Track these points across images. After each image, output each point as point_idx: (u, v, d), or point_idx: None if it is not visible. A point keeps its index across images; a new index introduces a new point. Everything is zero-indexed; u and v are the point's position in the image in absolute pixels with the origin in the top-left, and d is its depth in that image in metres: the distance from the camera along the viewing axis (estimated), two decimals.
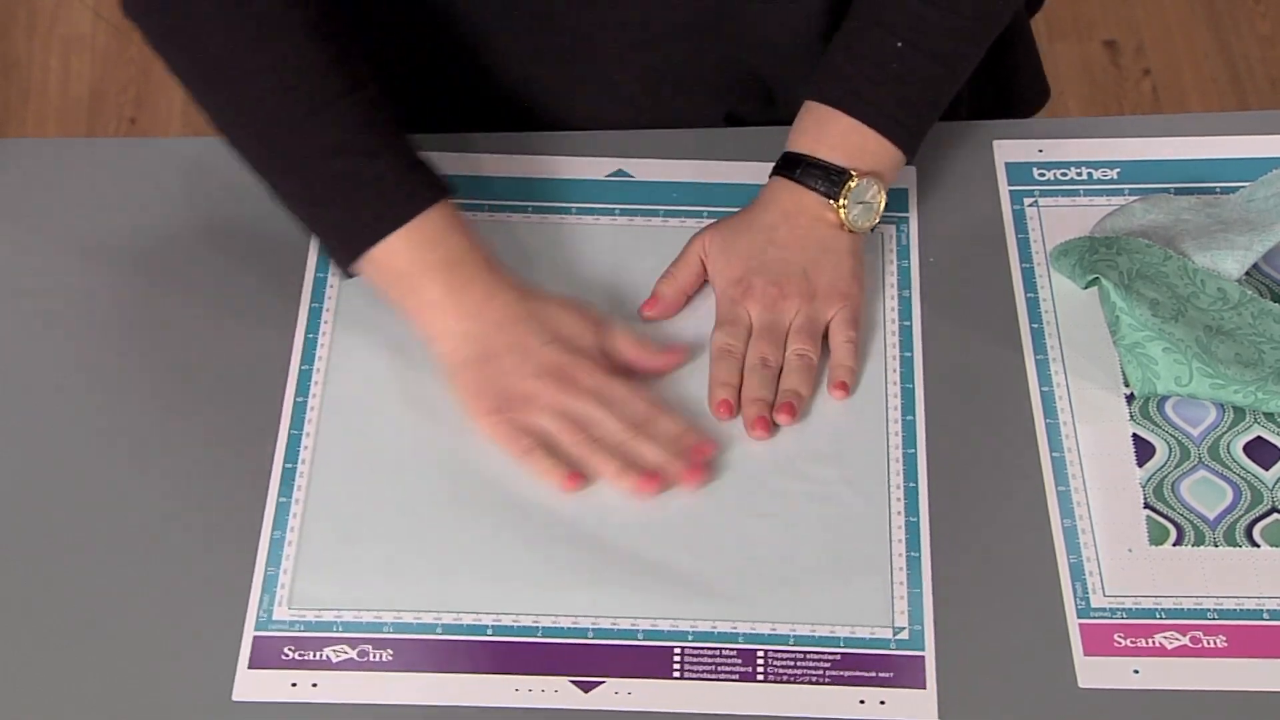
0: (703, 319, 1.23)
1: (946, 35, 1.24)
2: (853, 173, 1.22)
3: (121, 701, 1.07)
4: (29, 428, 1.18)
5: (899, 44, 1.23)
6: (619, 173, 1.31)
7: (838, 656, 1.08)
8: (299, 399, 1.19)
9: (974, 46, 1.26)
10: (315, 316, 1.23)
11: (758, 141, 1.31)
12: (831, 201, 1.22)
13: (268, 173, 1.18)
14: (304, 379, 1.20)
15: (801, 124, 1.25)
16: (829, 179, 1.22)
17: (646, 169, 1.31)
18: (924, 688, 1.07)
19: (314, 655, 1.08)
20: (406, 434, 1.17)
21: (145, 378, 1.20)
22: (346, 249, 1.17)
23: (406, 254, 1.16)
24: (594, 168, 1.31)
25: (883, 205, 1.23)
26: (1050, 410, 1.19)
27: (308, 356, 1.21)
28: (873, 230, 1.25)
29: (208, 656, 1.08)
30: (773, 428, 1.17)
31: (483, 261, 1.17)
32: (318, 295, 1.24)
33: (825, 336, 1.21)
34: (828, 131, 1.24)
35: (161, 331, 1.22)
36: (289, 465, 1.16)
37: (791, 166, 1.24)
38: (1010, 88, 1.45)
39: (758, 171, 1.27)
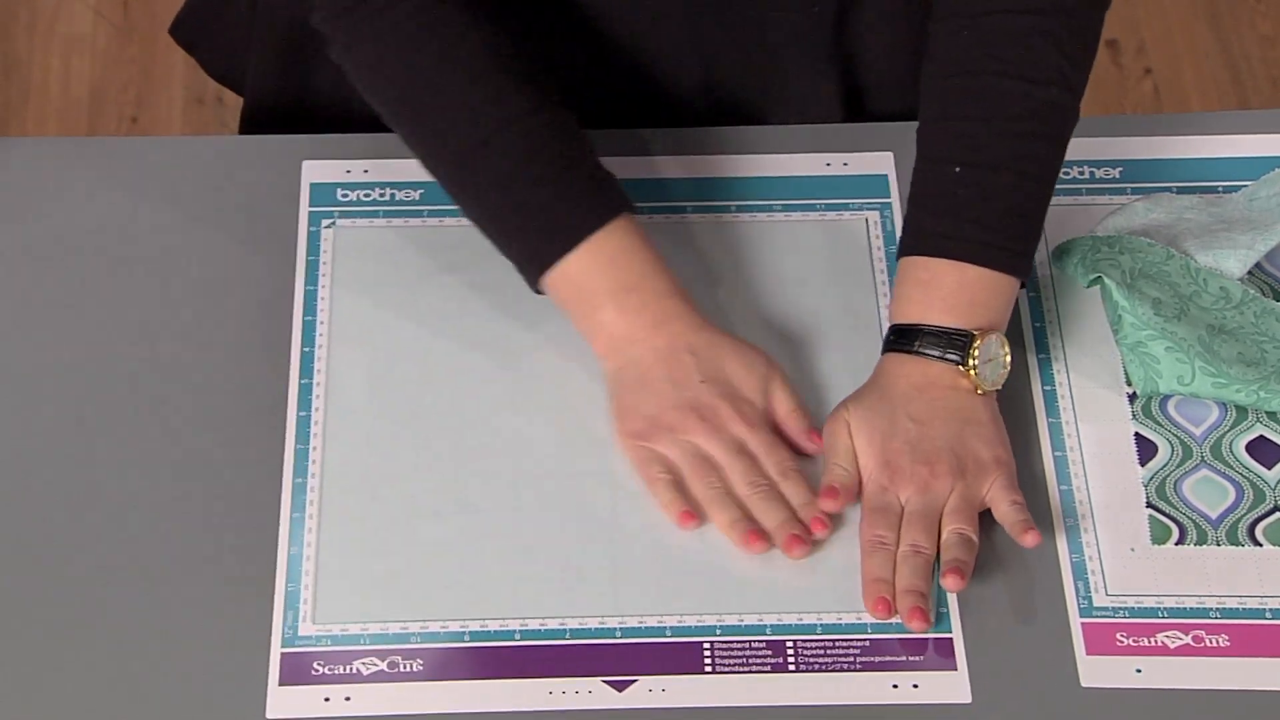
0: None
1: (996, 142, 1.16)
2: (974, 332, 1.15)
3: None
4: (28, 429, 1.18)
5: (955, 169, 1.17)
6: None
7: (866, 642, 1.08)
8: (301, 413, 1.18)
9: (1034, 143, 1.18)
10: (310, 329, 1.22)
11: (741, 139, 1.31)
12: (960, 367, 1.15)
13: (455, 197, 1.20)
14: (305, 392, 1.19)
15: (902, 289, 1.18)
16: (951, 344, 1.15)
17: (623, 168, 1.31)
18: (955, 669, 1.07)
19: (344, 669, 1.08)
20: (416, 442, 1.17)
21: (146, 381, 1.19)
22: (526, 274, 1.18)
23: (578, 279, 1.16)
24: None
25: (1009, 359, 1.16)
26: (1052, 409, 1.19)
27: (306, 370, 1.20)
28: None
29: (238, 676, 1.07)
30: (928, 618, 1.09)
31: (658, 286, 1.17)
32: (310, 308, 1.23)
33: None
34: (927, 290, 1.16)
35: (162, 334, 1.22)
36: (299, 480, 1.15)
37: (907, 339, 1.16)
38: None
39: (737, 164, 1.28)
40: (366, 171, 1.30)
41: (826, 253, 1.26)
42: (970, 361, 1.14)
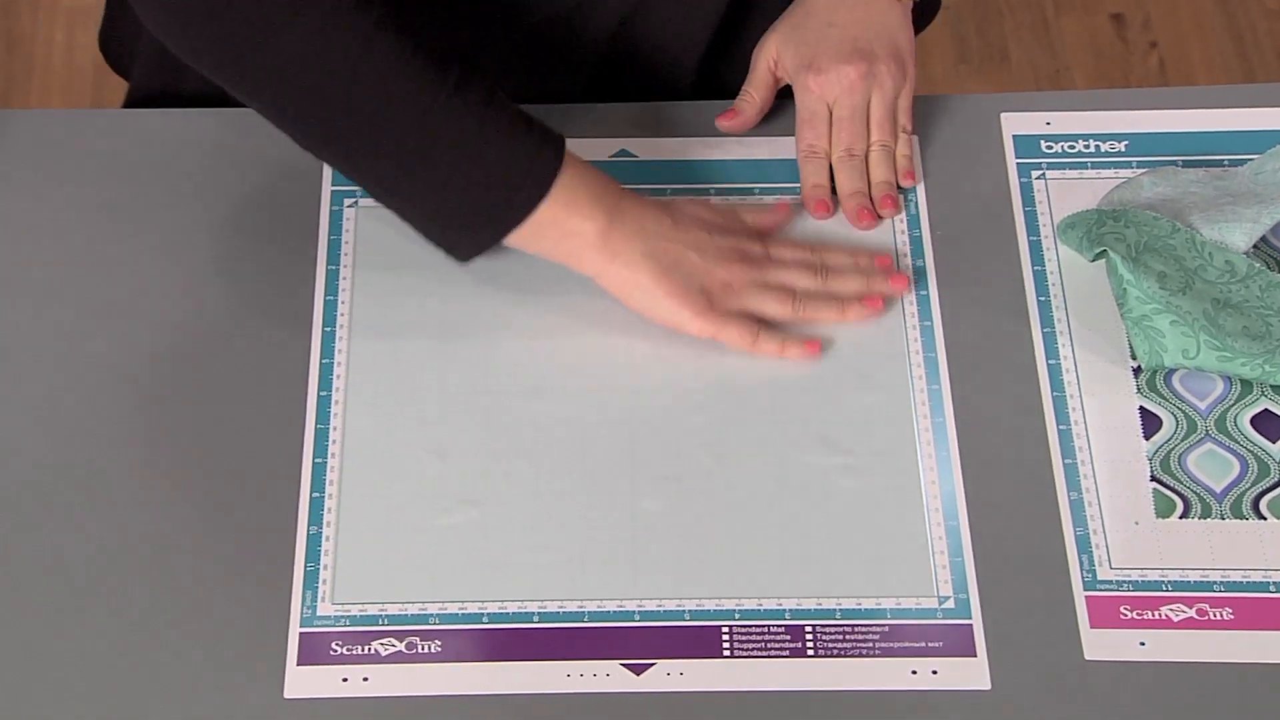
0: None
1: None
2: None
3: (174, 706, 1.06)
4: (39, 405, 1.17)
5: None
6: (622, 152, 1.30)
7: (886, 628, 1.08)
8: (322, 392, 1.18)
9: None
10: (331, 309, 1.22)
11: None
12: None
13: (375, 176, 1.16)
14: (325, 371, 1.19)
15: None
16: None
17: (651, 148, 1.30)
18: (974, 655, 1.07)
19: (362, 649, 1.08)
20: (437, 422, 1.17)
21: (162, 358, 1.18)
22: (489, 233, 1.16)
23: (556, 223, 1.16)
24: (597, 149, 1.29)
25: None
26: (1057, 383, 1.19)
27: (327, 349, 1.20)
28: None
29: (256, 656, 1.07)
30: (877, 218, 1.24)
31: (615, 190, 1.18)
32: (331, 288, 1.22)
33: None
34: None
35: (177, 311, 1.21)
36: (319, 460, 1.15)
37: None
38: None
39: (757, 146, 1.27)
40: None
41: (846, 238, 1.25)
42: None
